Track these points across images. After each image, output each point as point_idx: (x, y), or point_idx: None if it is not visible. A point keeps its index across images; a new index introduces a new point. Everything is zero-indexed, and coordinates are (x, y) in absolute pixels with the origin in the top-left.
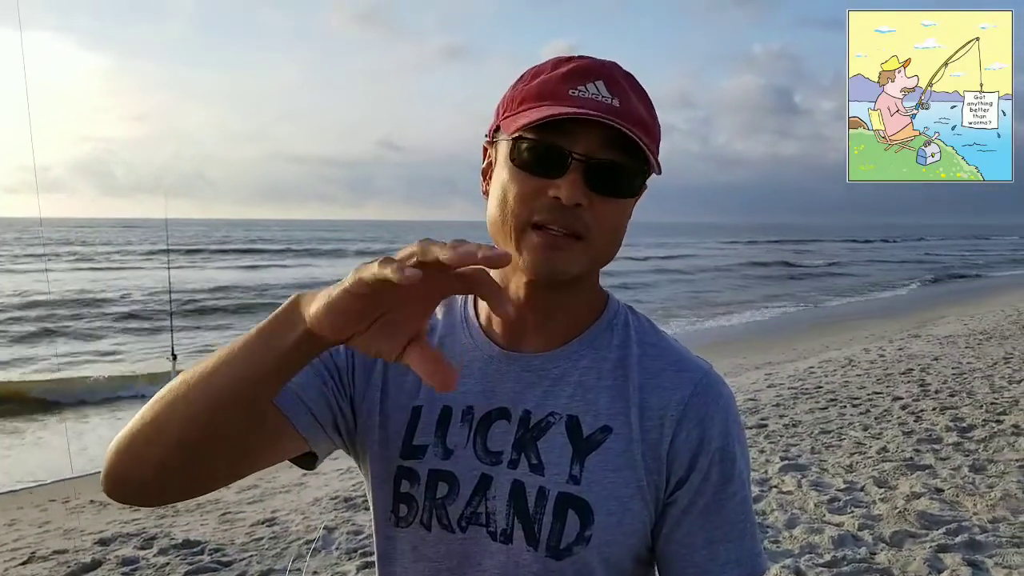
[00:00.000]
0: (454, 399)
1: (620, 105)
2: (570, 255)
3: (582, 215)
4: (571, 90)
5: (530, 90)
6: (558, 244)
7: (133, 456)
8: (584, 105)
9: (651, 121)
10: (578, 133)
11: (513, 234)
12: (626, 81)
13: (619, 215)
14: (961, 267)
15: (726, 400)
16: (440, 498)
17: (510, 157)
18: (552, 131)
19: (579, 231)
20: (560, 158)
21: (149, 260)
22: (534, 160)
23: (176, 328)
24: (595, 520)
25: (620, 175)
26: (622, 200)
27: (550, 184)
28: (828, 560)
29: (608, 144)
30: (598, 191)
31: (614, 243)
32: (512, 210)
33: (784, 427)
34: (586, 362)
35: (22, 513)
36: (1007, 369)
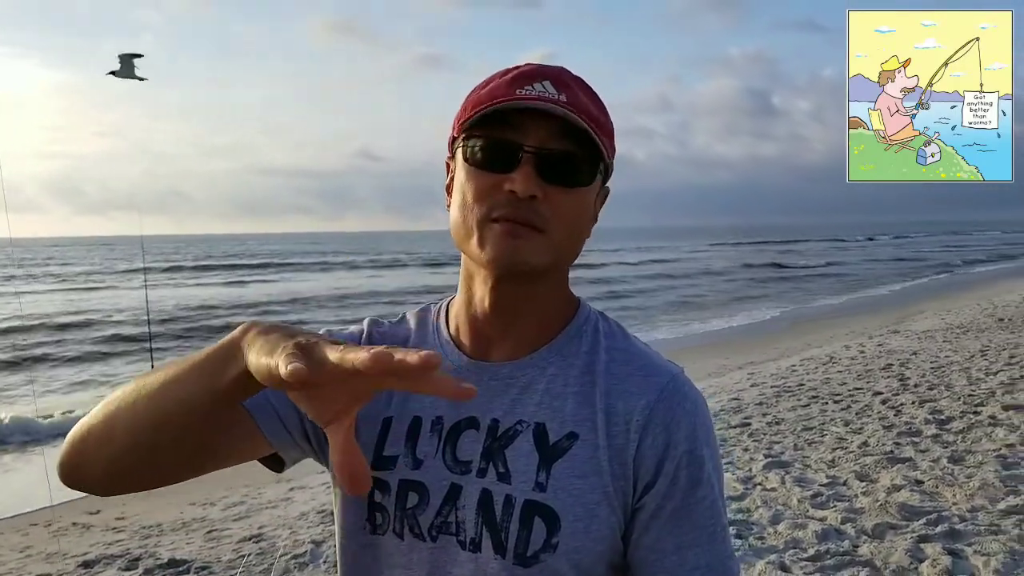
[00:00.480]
0: (423, 410)
1: (567, 100)
2: (530, 244)
3: (538, 208)
4: (518, 90)
5: (480, 96)
6: (518, 232)
7: (86, 451)
8: (530, 99)
9: (601, 116)
10: (528, 126)
11: (475, 231)
12: (574, 81)
13: (577, 206)
14: (940, 265)
15: (692, 404)
16: (411, 508)
17: (464, 156)
18: (503, 126)
19: (536, 223)
20: (511, 151)
21: (128, 279)
22: (487, 156)
23: (167, 348)
24: (562, 527)
25: (573, 164)
26: (577, 190)
27: (505, 178)
28: (812, 554)
29: (559, 135)
30: (552, 182)
31: (574, 236)
32: (471, 208)
33: (767, 425)
34: (553, 369)
35: (3, 538)
36: (984, 361)
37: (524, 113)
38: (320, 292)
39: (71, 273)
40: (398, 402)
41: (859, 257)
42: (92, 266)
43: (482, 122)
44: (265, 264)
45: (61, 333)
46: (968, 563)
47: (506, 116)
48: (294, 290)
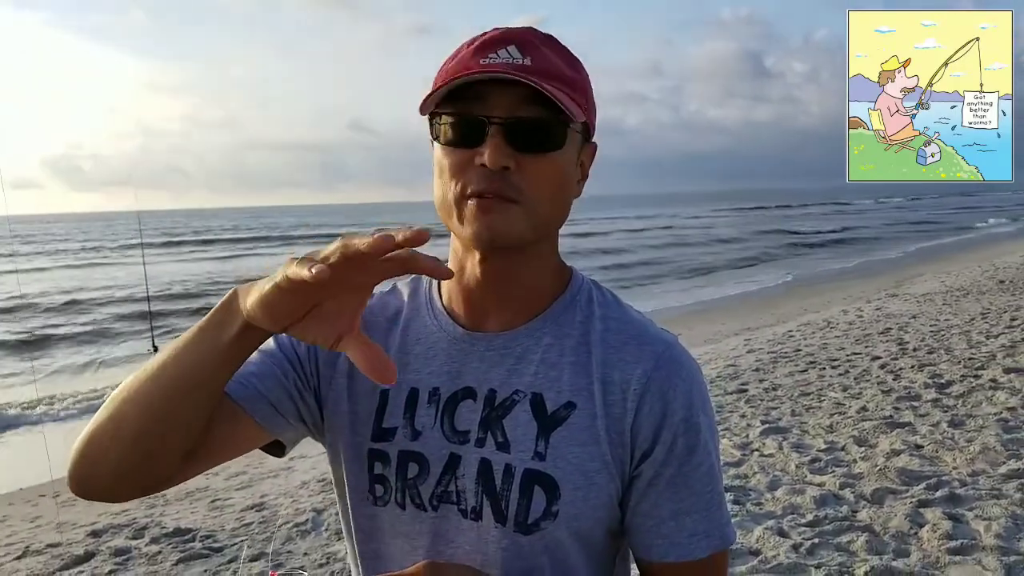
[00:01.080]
0: (420, 381)
1: (532, 63)
2: (507, 217)
3: (511, 178)
4: (482, 59)
5: (448, 69)
6: (493, 207)
7: (95, 454)
8: (492, 69)
9: (572, 74)
10: (494, 97)
11: (454, 208)
12: (542, 41)
13: (553, 171)
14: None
15: (688, 371)
16: (411, 478)
17: (433, 136)
18: (469, 101)
19: (511, 195)
20: (477, 125)
21: (129, 254)
22: (454, 133)
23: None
24: (561, 495)
25: (542, 130)
26: (550, 155)
27: (475, 153)
28: (810, 520)
29: (526, 102)
30: (523, 150)
31: (555, 202)
32: (448, 186)
33: (764, 391)
34: (549, 339)
35: (13, 509)
36: (984, 324)
37: (489, 83)
38: None
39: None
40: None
41: (878, 220)
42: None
43: (448, 98)
44: (268, 237)
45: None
46: (969, 527)
47: (470, 89)
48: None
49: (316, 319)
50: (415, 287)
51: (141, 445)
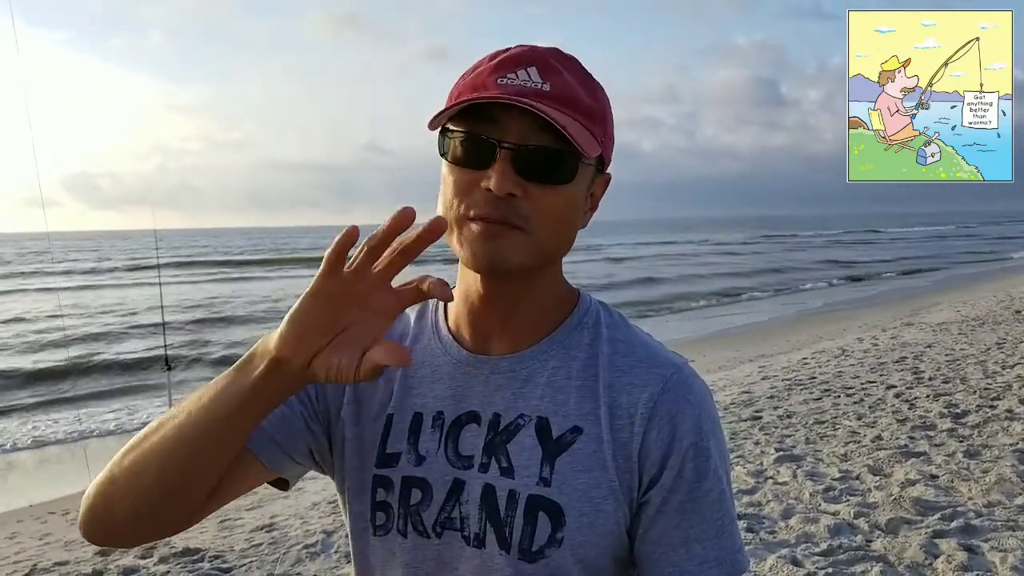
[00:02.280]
0: (424, 405)
1: (551, 89)
2: (509, 243)
3: (518, 206)
4: (499, 79)
5: (465, 84)
6: (495, 232)
7: (113, 495)
8: (509, 92)
9: (591, 102)
10: (506, 121)
11: (455, 229)
12: (564, 65)
13: (560, 204)
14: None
15: (698, 395)
16: (414, 504)
17: (441, 152)
18: (481, 121)
19: (515, 222)
20: (487, 148)
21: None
22: (463, 153)
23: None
24: (566, 522)
25: (552, 161)
26: (560, 187)
27: (482, 175)
28: (824, 549)
29: (539, 130)
30: (531, 179)
31: (560, 233)
32: (450, 205)
33: (778, 418)
34: (555, 362)
35: (22, 526)
36: (1000, 354)
37: (502, 107)
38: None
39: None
40: (398, 398)
41: (927, 251)
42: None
43: (462, 115)
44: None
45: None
46: (984, 559)
47: (484, 108)
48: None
49: (342, 343)
50: (422, 311)
51: (157, 497)
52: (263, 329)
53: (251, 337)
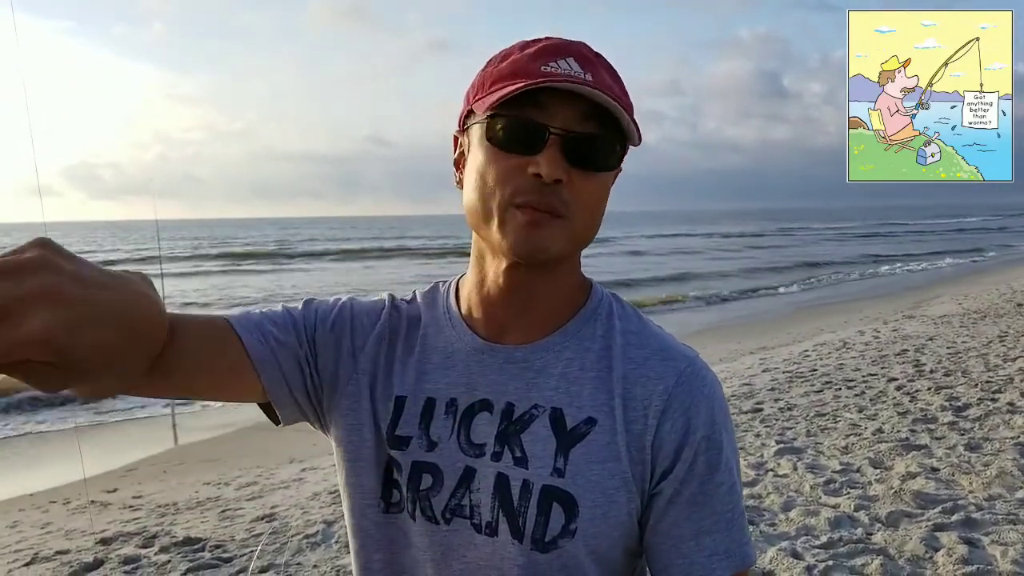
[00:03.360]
0: (438, 391)
1: (593, 79)
2: (551, 232)
3: (561, 192)
4: (543, 66)
5: (501, 71)
6: (540, 221)
7: None
8: (559, 78)
9: (624, 96)
10: (554, 107)
11: (495, 215)
12: (596, 59)
13: (598, 191)
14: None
15: (711, 388)
16: (424, 490)
17: (486, 136)
18: (528, 106)
19: (558, 209)
20: (538, 133)
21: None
22: (511, 137)
23: None
24: (580, 513)
25: (599, 148)
26: (601, 175)
27: (529, 161)
28: (824, 541)
29: (586, 117)
30: (578, 166)
31: (593, 221)
32: (492, 191)
33: (779, 411)
34: (569, 353)
35: (24, 515)
36: (1002, 347)
37: (550, 92)
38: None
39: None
40: (412, 382)
41: (965, 242)
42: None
43: (504, 102)
44: (316, 252)
45: None
46: (985, 552)
47: (532, 95)
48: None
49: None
50: (433, 297)
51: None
52: None
53: None
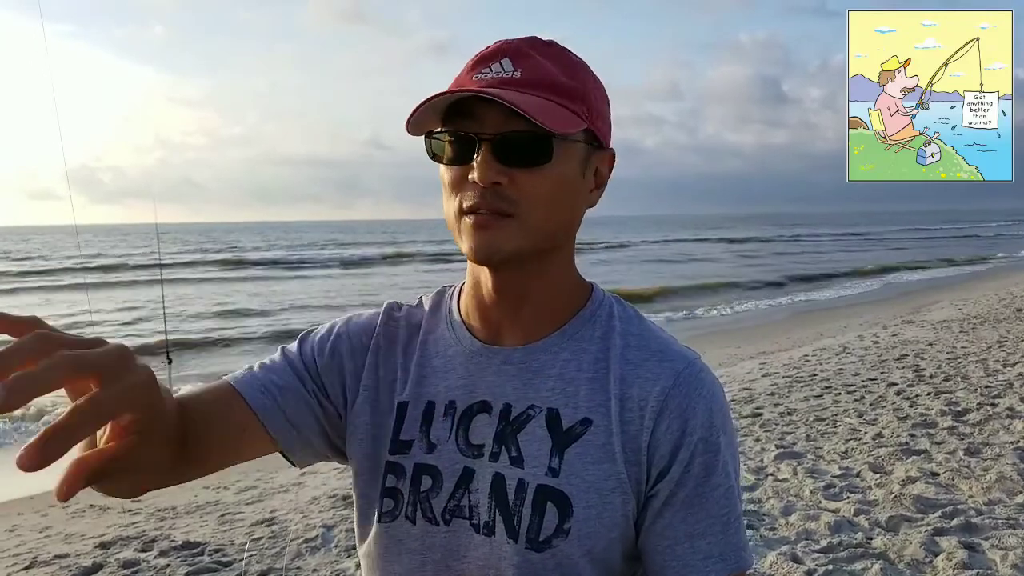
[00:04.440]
0: (437, 394)
1: (522, 75)
2: (501, 232)
3: (504, 192)
4: (476, 75)
5: (450, 86)
6: (487, 223)
7: None
8: (482, 85)
9: (568, 81)
10: (482, 114)
11: (455, 225)
12: (539, 50)
13: (547, 185)
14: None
15: (709, 389)
16: (424, 491)
17: (429, 155)
18: (458, 118)
19: (505, 209)
20: (467, 142)
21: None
22: (448, 151)
23: None
24: (574, 513)
25: (526, 144)
26: (544, 168)
27: (469, 169)
28: (824, 546)
29: (515, 116)
30: (514, 165)
31: (552, 214)
32: (449, 203)
33: (779, 415)
34: (567, 354)
35: (23, 519)
36: (1001, 352)
37: (475, 100)
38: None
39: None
40: (412, 387)
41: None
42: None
43: (445, 118)
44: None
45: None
46: (985, 557)
47: (462, 105)
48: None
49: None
50: (438, 300)
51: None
52: (271, 321)
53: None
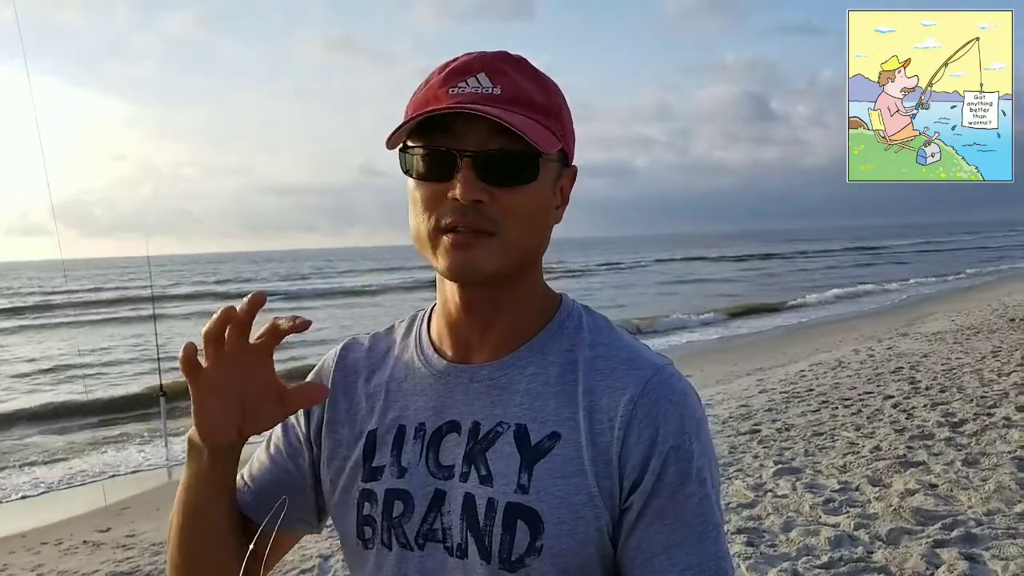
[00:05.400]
0: (407, 418)
1: (502, 92)
2: (481, 252)
3: (486, 211)
4: (450, 89)
5: (417, 100)
6: (467, 242)
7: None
8: (461, 100)
9: (544, 99)
10: (463, 129)
11: (428, 242)
12: (513, 67)
13: (528, 203)
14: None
15: (680, 395)
16: (396, 517)
17: (404, 169)
18: (437, 133)
19: (486, 228)
20: (448, 159)
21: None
22: (425, 167)
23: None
24: (545, 529)
25: (512, 163)
26: (526, 187)
27: (447, 187)
28: (825, 561)
29: (496, 133)
30: (495, 183)
31: (532, 232)
32: (421, 219)
33: (777, 431)
34: (533, 368)
35: (14, 557)
36: (996, 363)
37: (456, 116)
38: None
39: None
40: (380, 413)
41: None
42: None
43: (417, 130)
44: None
45: None
46: (986, 568)
47: (440, 121)
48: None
49: (253, 410)
50: (408, 326)
51: (205, 569)
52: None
53: None
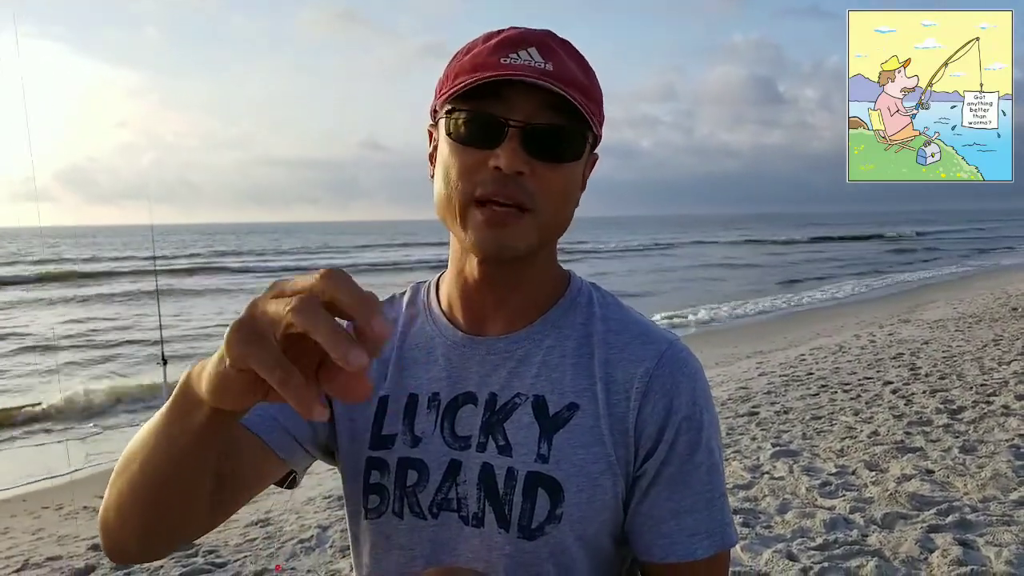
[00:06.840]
0: (420, 387)
1: (553, 69)
2: (516, 230)
3: (525, 184)
4: (503, 59)
5: (463, 65)
6: (502, 220)
7: (115, 532)
8: (516, 71)
9: (589, 84)
10: (514, 99)
11: (458, 212)
12: (560, 46)
13: (565, 182)
14: None
15: (692, 369)
16: (410, 486)
17: (447, 131)
18: (488, 100)
19: (523, 201)
20: (497, 126)
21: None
22: (471, 131)
23: None
24: (565, 497)
25: (561, 139)
26: (566, 165)
27: (490, 155)
28: (820, 543)
29: (546, 108)
30: (539, 157)
31: (563, 212)
32: (455, 186)
33: (775, 414)
34: (550, 341)
35: (15, 521)
36: (996, 351)
37: (509, 85)
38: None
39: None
40: (392, 379)
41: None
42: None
43: (465, 95)
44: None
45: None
46: (980, 554)
47: (492, 88)
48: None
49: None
50: (413, 297)
51: (154, 521)
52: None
53: None
